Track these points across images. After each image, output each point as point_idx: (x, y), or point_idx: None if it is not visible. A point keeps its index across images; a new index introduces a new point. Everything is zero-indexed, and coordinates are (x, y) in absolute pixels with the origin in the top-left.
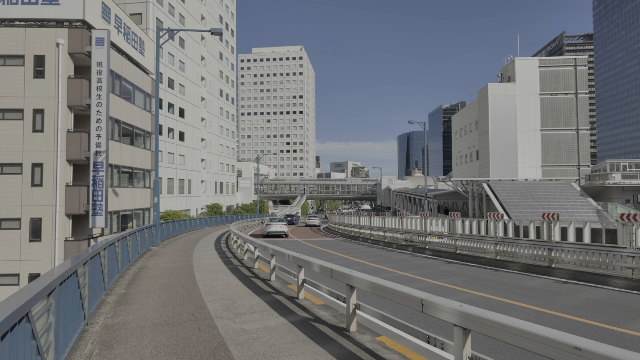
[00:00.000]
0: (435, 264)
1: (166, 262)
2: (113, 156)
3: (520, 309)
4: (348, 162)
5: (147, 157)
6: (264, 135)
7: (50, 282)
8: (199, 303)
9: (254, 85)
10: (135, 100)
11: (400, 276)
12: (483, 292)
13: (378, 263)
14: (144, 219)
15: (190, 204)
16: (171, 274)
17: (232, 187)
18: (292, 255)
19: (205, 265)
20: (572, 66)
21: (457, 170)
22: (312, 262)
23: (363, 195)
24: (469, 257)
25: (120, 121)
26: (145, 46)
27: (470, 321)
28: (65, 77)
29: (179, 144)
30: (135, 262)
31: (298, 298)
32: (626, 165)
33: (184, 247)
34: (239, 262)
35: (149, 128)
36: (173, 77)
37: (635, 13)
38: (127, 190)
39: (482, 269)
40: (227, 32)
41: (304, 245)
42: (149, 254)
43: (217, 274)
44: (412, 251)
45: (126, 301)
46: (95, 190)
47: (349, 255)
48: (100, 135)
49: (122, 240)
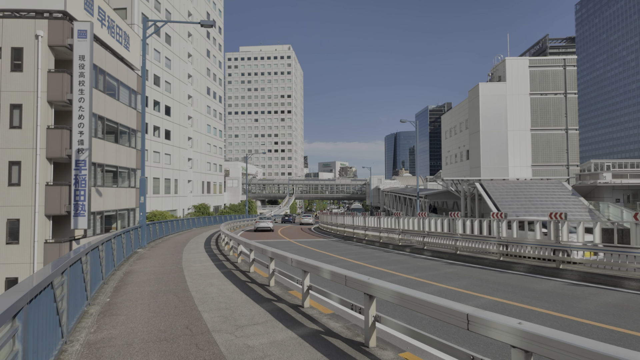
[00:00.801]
0: (438, 266)
1: (154, 265)
2: (96, 154)
3: (543, 316)
4: (336, 162)
5: (132, 156)
6: (251, 135)
7: (14, 303)
8: (193, 313)
9: (241, 84)
10: (120, 97)
11: (404, 279)
12: (496, 296)
13: (378, 265)
14: (129, 219)
15: (177, 204)
16: (160, 279)
17: (219, 187)
18: (297, 259)
19: (196, 269)
20: (561, 66)
21: (446, 170)
22: (321, 268)
23: (352, 195)
24: (471, 258)
25: (104, 118)
26: (131, 41)
27: (534, 342)
28: (45, 70)
29: (165, 142)
30: (120, 266)
31: (303, 306)
32: (610, 165)
33: (172, 249)
34: (232, 265)
35: (134, 125)
36: (159, 74)
37: (616, 17)
38: (112, 190)
39: (486, 270)
40: (215, 30)
41: (297, 246)
42: (135, 257)
43: (211, 279)
44: (410, 252)
45: (111, 312)
46: (78, 190)
47: (345, 256)
48: (83, 132)
49: (107, 243)
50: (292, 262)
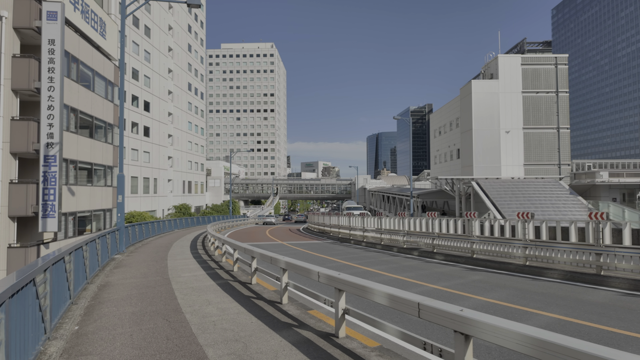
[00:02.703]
0: (460, 272)
1: (135, 275)
2: (69, 149)
3: (631, 340)
4: (319, 162)
5: (108, 152)
6: (233, 134)
7: None
8: (193, 349)
9: (222, 81)
10: (96, 88)
11: (432, 290)
12: (554, 312)
13: (392, 272)
14: (105, 221)
15: (156, 205)
16: (144, 295)
17: (201, 186)
18: (328, 274)
19: (186, 280)
20: (553, 65)
21: (435, 169)
22: (373, 289)
23: (337, 195)
24: (491, 263)
25: (77, 110)
26: (107, 28)
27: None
28: (10, 55)
29: (144, 139)
30: (95, 277)
31: (337, 336)
32: (591, 165)
33: (154, 254)
34: (227, 274)
35: (111, 119)
36: (138, 67)
37: (591, 22)
38: (86, 189)
39: (517, 277)
40: (197, 24)
41: (293, 250)
42: (112, 264)
43: (206, 294)
44: (419, 255)
45: (79, 350)
46: (47, 189)
47: (351, 262)
48: (53, 125)
49: (77, 252)
50: (321, 277)
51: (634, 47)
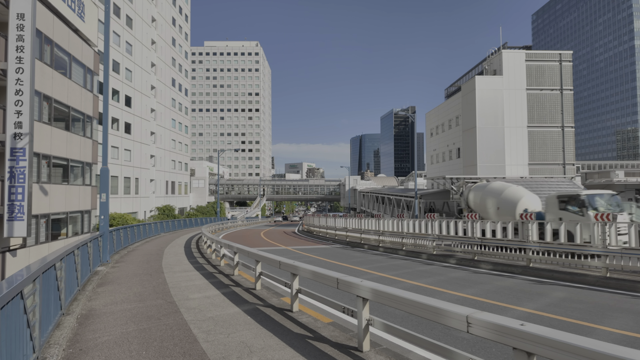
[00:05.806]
0: (533, 287)
1: (128, 298)
2: (41, 143)
3: None
4: (303, 163)
5: (87, 147)
6: (217, 133)
7: None
8: None
9: (206, 80)
10: (73, 75)
11: (526, 314)
12: None
13: (456, 289)
14: (83, 224)
15: (138, 206)
16: (147, 334)
17: (185, 187)
18: (416, 301)
19: (199, 304)
20: (557, 61)
21: (432, 169)
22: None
23: (325, 197)
24: (558, 274)
25: (51, 98)
26: (86, 10)
27: None
28: None
29: (125, 136)
30: (72, 303)
31: None
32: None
33: (145, 264)
34: (248, 293)
35: (90, 111)
36: (119, 60)
37: (569, 27)
38: (61, 188)
39: (607, 293)
40: (181, 17)
41: (305, 257)
42: (95, 280)
43: (237, 331)
44: (456, 263)
45: None
46: (14, 187)
47: (382, 272)
48: (22, 113)
49: (47, 274)
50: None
51: (611, 53)
